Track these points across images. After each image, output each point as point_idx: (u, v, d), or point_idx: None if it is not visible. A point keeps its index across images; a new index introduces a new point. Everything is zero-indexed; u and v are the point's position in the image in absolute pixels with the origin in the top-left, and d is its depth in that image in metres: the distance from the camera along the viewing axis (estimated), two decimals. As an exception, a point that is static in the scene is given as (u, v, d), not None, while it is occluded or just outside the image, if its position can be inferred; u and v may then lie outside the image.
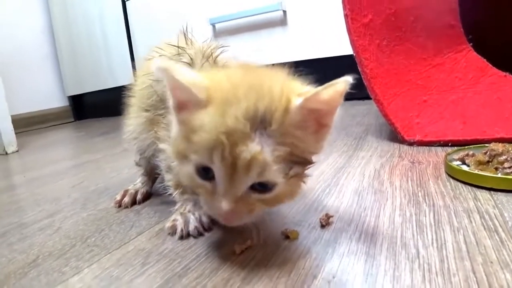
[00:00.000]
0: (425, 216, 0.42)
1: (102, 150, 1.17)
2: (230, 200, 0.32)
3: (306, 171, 0.36)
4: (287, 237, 0.40)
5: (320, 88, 0.31)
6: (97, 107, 2.41)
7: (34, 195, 0.72)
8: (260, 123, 0.30)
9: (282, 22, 1.63)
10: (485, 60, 0.77)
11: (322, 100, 0.31)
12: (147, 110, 0.49)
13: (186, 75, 0.32)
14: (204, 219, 0.45)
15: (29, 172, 0.97)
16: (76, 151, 1.35)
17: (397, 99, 0.80)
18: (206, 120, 0.31)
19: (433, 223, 0.40)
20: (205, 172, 0.33)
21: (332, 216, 0.43)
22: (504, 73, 0.74)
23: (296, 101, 0.31)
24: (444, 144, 0.72)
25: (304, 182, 0.37)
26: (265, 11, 1.61)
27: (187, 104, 0.33)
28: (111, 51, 2.17)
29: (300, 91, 0.33)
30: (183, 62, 0.45)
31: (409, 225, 0.41)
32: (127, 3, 2.03)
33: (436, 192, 0.49)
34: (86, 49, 2.26)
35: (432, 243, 0.36)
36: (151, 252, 0.41)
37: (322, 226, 0.42)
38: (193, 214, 0.45)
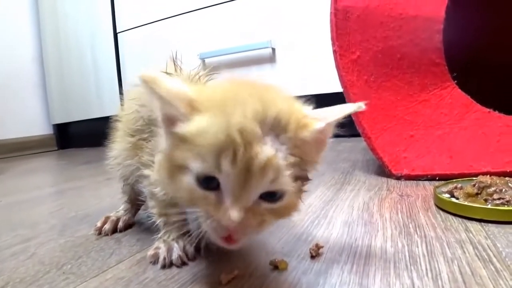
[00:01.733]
0: (418, 247, 0.41)
1: (84, 178, 1.13)
2: (240, 210, 0.29)
3: (304, 187, 0.35)
4: (275, 267, 0.38)
5: (338, 114, 0.32)
6: (82, 136, 2.37)
7: (10, 220, 0.69)
8: (270, 129, 0.29)
9: (271, 59, 1.66)
10: (469, 97, 0.78)
11: (332, 124, 0.33)
12: (132, 136, 0.47)
13: (169, 88, 0.30)
14: (189, 248, 0.43)
15: (6, 197, 0.93)
16: (57, 179, 1.31)
17: (384, 133, 0.81)
18: (210, 123, 0.29)
19: (426, 254, 0.39)
20: (207, 182, 0.30)
21: (322, 247, 0.42)
22: (488, 110, 0.75)
23: (318, 125, 0.31)
24: (432, 178, 0.72)
25: (301, 199, 0.35)
26: (255, 48, 1.65)
27: (174, 117, 0.31)
28: (100, 82, 2.17)
29: (300, 108, 0.33)
30: None
31: (401, 256, 0.39)
32: (118, 35, 2.06)
33: (427, 224, 0.48)
34: (76, 78, 2.26)
35: (427, 273, 0.35)
36: (131, 281, 0.38)
37: (312, 257, 0.40)
38: (177, 242, 0.43)
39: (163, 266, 0.41)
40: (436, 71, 0.82)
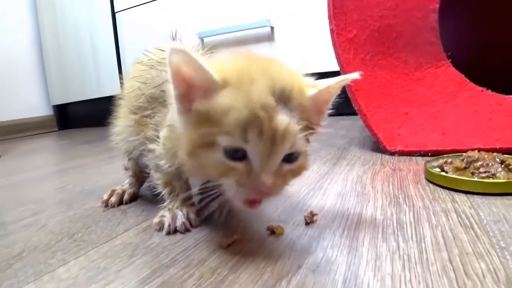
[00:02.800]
0: (405, 215, 0.44)
1: (87, 157, 1.16)
2: (271, 174, 0.33)
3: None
4: (272, 232, 0.41)
5: (331, 82, 0.36)
6: (81, 117, 2.39)
7: (17, 197, 0.72)
8: (279, 98, 0.32)
9: (269, 37, 1.66)
10: (463, 75, 0.80)
11: (330, 93, 0.37)
12: (134, 113, 0.49)
13: (200, 58, 0.32)
14: (192, 215, 0.46)
15: (11, 176, 0.95)
16: (60, 158, 1.33)
17: (380, 111, 0.83)
18: (234, 100, 0.31)
19: (412, 221, 0.42)
20: (234, 154, 0.33)
21: (316, 214, 0.45)
22: (481, 88, 0.77)
23: (311, 91, 0.35)
24: (424, 154, 0.74)
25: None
26: (253, 26, 1.65)
27: (198, 91, 0.33)
28: (99, 62, 2.17)
29: (300, 76, 0.37)
30: None
31: (389, 223, 0.42)
32: (116, 15, 2.05)
33: (416, 195, 0.51)
34: (74, 59, 2.26)
35: (412, 237, 0.38)
36: (138, 246, 0.41)
37: (307, 223, 0.43)
38: (181, 210, 0.46)
39: (168, 233, 0.44)
40: (431, 50, 0.83)
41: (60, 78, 2.34)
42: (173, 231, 0.44)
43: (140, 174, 0.61)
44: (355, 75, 0.36)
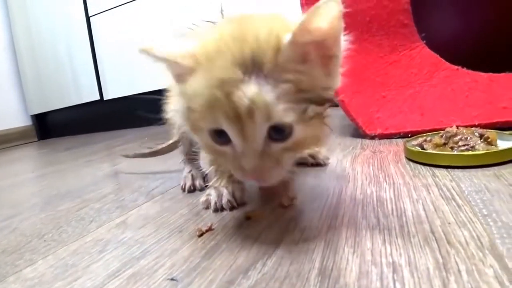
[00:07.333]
0: (385, 192, 0.43)
1: (65, 162, 1.13)
2: (252, 156, 0.30)
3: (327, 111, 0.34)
4: (248, 218, 0.40)
5: (305, 17, 0.27)
6: (61, 125, 2.33)
7: (-10, 204, 0.69)
8: (253, 66, 0.28)
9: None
10: (438, 55, 0.80)
11: (315, 29, 0.28)
12: None
13: (169, 49, 0.31)
14: (237, 193, 0.45)
15: (-14, 185, 0.92)
16: (38, 165, 1.29)
17: (357, 96, 0.82)
18: (197, 82, 0.29)
19: (393, 197, 0.41)
20: (220, 136, 0.31)
21: (294, 198, 0.43)
22: (456, 67, 0.77)
23: (286, 38, 0.28)
24: (404, 135, 0.74)
25: (327, 125, 0.35)
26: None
27: (181, 75, 0.31)
28: (75, 68, 2.12)
29: (283, 28, 0.30)
30: None
31: (369, 200, 0.41)
32: (91, 19, 2.01)
33: (396, 173, 0.50)
34: (50, 66, 2.20)
35: (392, 212, 0.37)
36: (109, 241, 0.40)
37: (285, 207, 0.42)
38: (226, 188, 0.45)
39: (215, 210, 0.43)
40: (405, 32, 0.83)
41: (37, 86, 2.27)
42: (220, 208, 0.44)
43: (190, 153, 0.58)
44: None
